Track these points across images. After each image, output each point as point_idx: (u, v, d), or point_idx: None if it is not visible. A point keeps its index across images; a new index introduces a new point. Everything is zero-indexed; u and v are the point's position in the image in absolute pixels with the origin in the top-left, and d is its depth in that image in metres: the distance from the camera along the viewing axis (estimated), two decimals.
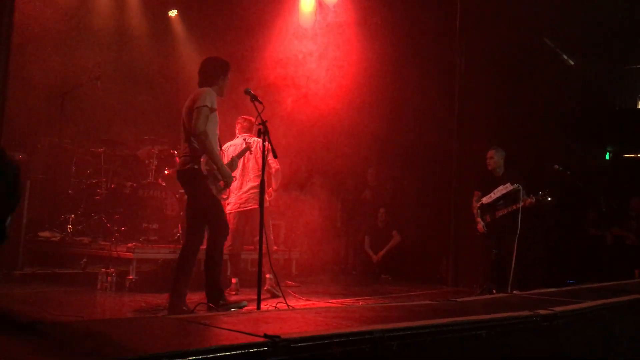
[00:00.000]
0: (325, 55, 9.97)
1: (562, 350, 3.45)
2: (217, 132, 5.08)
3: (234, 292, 6.34)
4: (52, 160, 8.28)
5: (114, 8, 10.00)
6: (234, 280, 6.45)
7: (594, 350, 3.76)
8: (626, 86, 11.99)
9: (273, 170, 6.66)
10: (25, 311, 4.86)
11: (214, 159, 4.90)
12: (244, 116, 6.78)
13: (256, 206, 6.15)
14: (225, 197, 5.32)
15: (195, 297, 5.84)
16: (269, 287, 6.20)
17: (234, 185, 6.45)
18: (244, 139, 6.59)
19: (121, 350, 2.17)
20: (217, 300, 4.85)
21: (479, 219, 7.46)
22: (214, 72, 5.12)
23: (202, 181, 4.88)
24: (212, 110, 4.90)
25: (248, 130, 6.76)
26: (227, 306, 4.90)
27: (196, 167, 4.86)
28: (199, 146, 4.85)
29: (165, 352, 1.95)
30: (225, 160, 6.56)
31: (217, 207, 5.05)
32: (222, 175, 5.00)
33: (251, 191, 6.47)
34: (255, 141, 6.44)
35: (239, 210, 6.52)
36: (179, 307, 4.83)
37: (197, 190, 4.95)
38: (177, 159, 5.40)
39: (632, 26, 10.01)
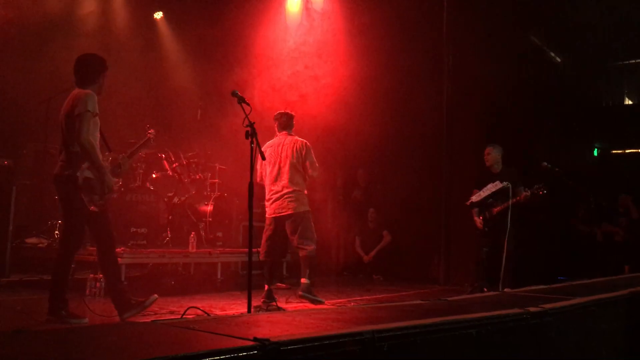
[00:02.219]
0: (313, 56, 9.96)
1: (553, 347, 3.45)
2: (98, 135, 4.88)
3: (262, 299, 5.86)
4: (38, 166, 8.20)
5: (98, 11, 9.94)
6: (266, 287, 5.97)
7: (584, 347, 3.76)
8: (613, 83, 12.09)
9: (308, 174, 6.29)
10: (12, 318, 4.80)
11: (97, 167, 4.73)
12: (281, 111, 6.42)
13: (290, 212, 6.07)
14: (97, 209, 4.92)
15: (185, 302, 5.82)
16: (303, 293, 5.93)
17: (271, 189, 6.10)
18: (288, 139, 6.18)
19: (109, 356, 2.14)
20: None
21: (476, 218, 7.46)
22: (93, 70, 4.94)
23: (75, 190, 4.69)
24: (94, 115, 4.73)
25: (287, 126, 6.33)
26: (135, 309, 4.78)
27: (71, 174, 4.69)
28: (84, 155, 4.68)
29: (154, 357, 1.92)
30: (267, 167, 6.12)
31: (78, 220, 4.82)
32: (104, 183, 4.79)
33: (287, 197, 6.08)
34: (293, 141, 6.15)
35: (274, 215, 6.15)
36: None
37: (68, 197, 4.76)
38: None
39: (618, 23, 10.08)
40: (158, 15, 10.92)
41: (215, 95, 9.53)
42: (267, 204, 6.23)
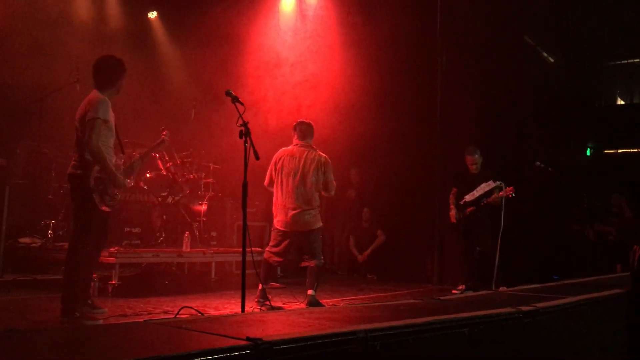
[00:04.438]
0: (306, 56, 9.96)
1: (546, 345, 3.47)
2: (113, 138, 4.97)
3: (257, 298, 5.81)
4: (31, 165, 8.17)
5: (92, 10, 9.91)
6: (260, 286, 5.88)
7: (576, 345, 3.79)
8: (605, 83, 12.15)
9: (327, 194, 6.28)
10: (5, 318, 4.79)
11: (107, 171, 4.80)
12: (301, 120, 6.29)
13: (307, 228, 5.96)
14: (109, 209, 4.92)
15: (179, 302, 5.81)
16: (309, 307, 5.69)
17: (287, 202, 5.94)
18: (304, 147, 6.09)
19: (101, 356, 2.15)
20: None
21: (452, 212, 7.60)
22: (112, 73, 5.00)
23: (87, 190, 4.76)
24: (105, 121, 4.79)
25: (307, 135, 6.16)
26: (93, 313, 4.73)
27: (83, 174, 4.76)
28: (94, 160, 4.76)
29: (147, 357, 1.93)
30: (283, 176, 5.94)
31: (89, 219, 4.87)
32: (116, 186, 4.90)
33: (307, 213, 5.93)
34: (317, 156, 6.02)
35: (291, 230, 5.97)
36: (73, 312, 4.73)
37: (80, 197, 4.83)
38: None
39: (611, 24, 10.13)
40: (152, 14, 10.91)
41: (209, 94, 9.52)
42: (280, 215, 6.02)
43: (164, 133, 5.93)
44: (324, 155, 6.15)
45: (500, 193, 7.11)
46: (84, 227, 4.85)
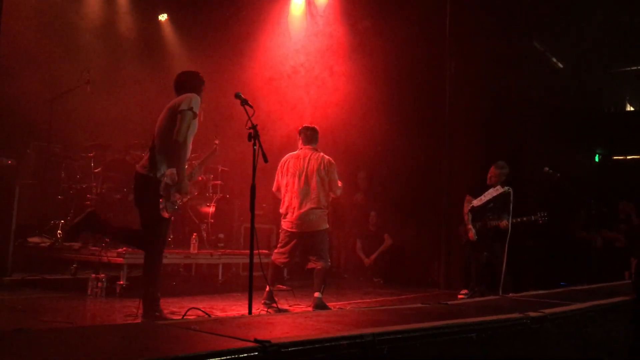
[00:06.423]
0: (316, 60, 9.98)
1: (553, 352, 3.46)
2: (191, 140, 4.92)
3: (263, 300, 5.88)
4: (41, 165, 8.23)
5: (104, 12, 9.98)
6: (267, 289, 5.92)
7: (584, 352, 3.77)
8: (615, 89, 12.08)
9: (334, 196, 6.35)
10: (14, 318, 4.82)
11: (180, 170, 4.70)
12: (306, 125, 6.38)
13: (313, 229, 6.01)
14: (169, 216, 4.76)
15: (186, 303, 5.83)
16: (316, 310, 5.77)
17: (293, 202, 6.02)
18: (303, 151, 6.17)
19: (110, 356, 2.16)
20: (150, 309, 4.66)
21: (470, 226, 7.48)
22: (195, 83, 5.05)
23: (156, 194, 4.65)
24: (195, 115, 4.75)
25: (312, 140, 6.26)
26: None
27: (153, 175, 4.67)
28: (175, 153, 4.66)
29: (155, 358, 1.94)
30: (289, 178, 6.04)
31: (156, 225, 4.78)
32: (181, 190, 4.78)
33: (312, 214, 6.00)
34: (320, 158, 6.11)
35: (297, 231, 6.05)
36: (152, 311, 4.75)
37: (147, 200, 4.73)
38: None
39: (620, 29, 10.08)
40: (163, 17, 10.96)
41: (218, 97, 9.55)
42: (287, 215, 6.09)
43: (216, 142, 5.99)
44: (329, 157, 6.20)
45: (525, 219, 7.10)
46: (153, 231, 4.77)
